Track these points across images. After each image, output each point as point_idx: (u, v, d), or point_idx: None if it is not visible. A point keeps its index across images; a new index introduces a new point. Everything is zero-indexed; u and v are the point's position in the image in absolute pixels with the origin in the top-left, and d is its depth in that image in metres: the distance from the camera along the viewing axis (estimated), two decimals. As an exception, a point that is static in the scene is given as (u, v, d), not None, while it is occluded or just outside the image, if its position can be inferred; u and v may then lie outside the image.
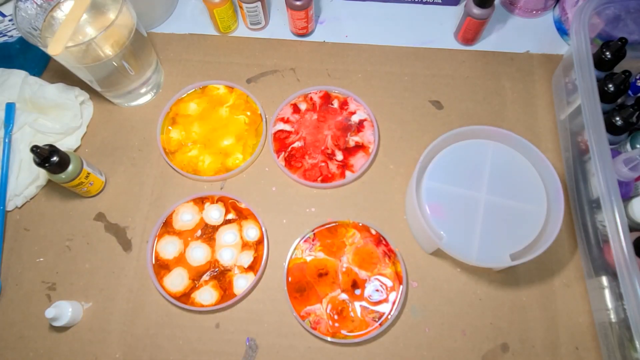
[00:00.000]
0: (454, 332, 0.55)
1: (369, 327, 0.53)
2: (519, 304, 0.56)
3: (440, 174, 0.54)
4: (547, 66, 0.69)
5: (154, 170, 0.64)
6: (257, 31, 0.74)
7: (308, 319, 0.54)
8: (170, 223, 0.60)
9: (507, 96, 0.67)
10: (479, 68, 0.69)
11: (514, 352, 0.54)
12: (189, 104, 0.67)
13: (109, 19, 0.56)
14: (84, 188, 0.59)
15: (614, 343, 0.50)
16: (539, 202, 0.53)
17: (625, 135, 0.58)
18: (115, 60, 0.58)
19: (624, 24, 0.62)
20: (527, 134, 0.64)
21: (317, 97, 0.66)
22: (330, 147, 0.63)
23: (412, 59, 0.70)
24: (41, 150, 0.52)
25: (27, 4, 0.55)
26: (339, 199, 0.61)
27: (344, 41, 0.72)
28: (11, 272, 0.58)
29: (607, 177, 0.48)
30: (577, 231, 0.58)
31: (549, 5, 0.72)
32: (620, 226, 0.46)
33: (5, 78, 0.65)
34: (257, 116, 0.66)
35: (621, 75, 0.55)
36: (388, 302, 0.54)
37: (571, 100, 0.60)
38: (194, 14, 0.75)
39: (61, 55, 0.51)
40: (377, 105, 0.66)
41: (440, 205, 0.53)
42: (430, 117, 0.66)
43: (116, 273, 0.58)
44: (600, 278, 0.53)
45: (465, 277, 0.57)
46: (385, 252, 0.57)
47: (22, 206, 0.62)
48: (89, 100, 0.67)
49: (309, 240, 0.58)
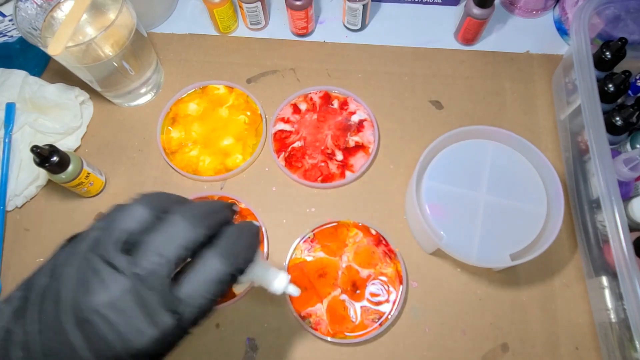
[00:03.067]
0: (454, 332, 0.55)
1: (369, 327, 0.53)
2: (519, 304, 0.56)
3: (440, 174, 0.54)
4: (547, 66, 0.69)
5: (154, 170, 0.64)
6: (257, 31, 0.74)
7: (308, 320, 0.54)
8: (170, 223, 0.59)
9: (507, 96, 0.67)
10: (479, 68, 0.69)
11: (514, 352, 0.54)
12: (189, 104, 0.67)
13: (109, 19, 0.56)
14: (84, 188, 0.59)
15: (614, 343, 0.50)
16: (539, 202, 0.53)
17: (625, 135, 0.58)
18: (115, 60, 0.58)
19: (624, 24, 0.62)
20: (527, 134, 0.64)
21: (317, 97, 0.66)
22: (330, 147, 0.63)
23: (412, 59, 0.70)
24: (41, 150, 0.52)
25: (27, 4, 0.55)
26: (339, 199, 0.61)
27: (344, 41, 0.72)
28: (11, 272, 0.58)
29: (607, 177, 0.48)
30: (577, 231, 0.58)
31: (549, 5, 0.72)
32: (620, 226, 0.46)
33: (5, 78, 0.65)
34: (257, 116, 0.66)
35: (621, 75, 0.55)
36: (388, 302, 0.54)
37: (571, 100, 0.60)
38: (194, 14, 0.75)
39: (61, 55, 0.51)
40: (377, 105, 0.66)
41: (440, 205, 0.53)
42: (430, 117, 0.66)
43: (116, 273, 0.58)
44: (600, 278, 0.53)
45: (465, 277, 0.57)
46: (385, 252, 0.57)
47: (22, 206, 0.62)
48: (89, 100, 0.67)
49: (309, 241, 0.58)
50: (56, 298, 0.26)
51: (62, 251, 0.29)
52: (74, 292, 0.26)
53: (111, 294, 0.25)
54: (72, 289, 0.26)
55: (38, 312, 0.26)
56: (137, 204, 0.28)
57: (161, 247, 0.27)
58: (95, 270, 0.26)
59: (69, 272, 0.26)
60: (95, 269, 0.26)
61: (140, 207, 0.28)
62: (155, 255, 0.27)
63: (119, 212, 0.28)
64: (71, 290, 0.26)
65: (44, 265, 0.29)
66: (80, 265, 0.26)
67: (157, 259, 0.27)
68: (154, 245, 0.27)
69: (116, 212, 0.28)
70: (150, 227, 0.28)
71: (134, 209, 0.28)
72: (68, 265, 0.27)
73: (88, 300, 0.25)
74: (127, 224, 0.27)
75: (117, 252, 0.26)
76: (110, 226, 0.27)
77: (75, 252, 0.27)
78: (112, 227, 0.27)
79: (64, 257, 0.28)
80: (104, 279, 0.25)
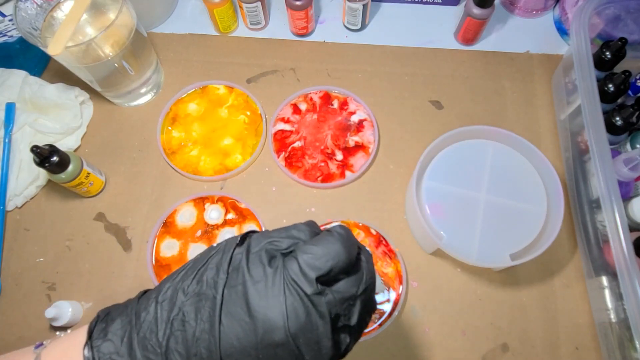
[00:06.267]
0: (454, 332, 0.55)
1: (368, 327, 0.53)
2: (519, 304, 0.56)
3: (440, 174, 0.54)
4: (547, 66, 0.69)
5: (154, 170, 0.64)
6: (257, 31, 0.74)
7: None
8: (171, 223, 0.60)
9: (507, 96, 0.67)
10: (479, 68, 0.69)
11: (514, 352, 0.54)
12: (189, 104, 0.67)
13: (109, 19, 0.56)
14: (84, 188, 0.59)
15: (614, 343, 0.50)
16: (539, 202, 0.53)
17: (625, 135, 0.58)
18: (115, 60, 0.58)
19: (624, 24, 0.62)
20: (527, 134, 0.64)
21: (317, 97, 0.66)
22: (330, 147, 0.63)
23: (412, 59, 0.70)
24: (41, 150, 0.52)
25: (27, 4, 0.55)
26: (339, 199, 0.61)
27: (344, 41, 0.72)
28: (11, 272, 0.58)
29: (607, 177, 0.48)
30: (577, 231, 0.58)
31: (549, 5, 0.72)
32: (620, 226, 0.46)
33: (5, 78, 0.65)
34: (257, 116, 0.66)
35: (621, 75, 0.55)
36: (389, 302, 0.54)
37: (571, 100, 0.60)
38: (194, 14, 0.75)
39: (61, 55, 0.51)
40: (377, 105, 0.66)
41: (440, 205, 0.53)
42: (430, 117, 0.66)
43: (116, 273, 0.58)
44: (600, 278, 0.53)
45: (465, 277, 0.57)
46: (385, 252, 0.57)
47: (22, 206, 0.62)
48: (89, 100, 0.67)
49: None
50: (246, 307, 0.26)
51: (234, 251, 0.29)
52: (267, 308, 0.26)
53: (307, 322, 0.26)
54: (264, 303, 0.26)
55: (220, 314, 0.26)
56: (339, 243, 0.27)
57: (354, 291, 0.28)
58: (294, 293, 0.26)
59: (258, 284, 0.26)
60: (295, 292, 0.26)
61: (342, 250, 0.27)
62: (348, 296, 0.28)
63: (318, 244, 0.27)
64: (263, 303, 0.26)
65: (214, 260, 0.29)
66: (273, 280, 0.26)
67: (349, 300, 0.28)
68: (349, 287, 0.28)
69: (312, 238, 0.28)
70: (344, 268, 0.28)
71: (336, 249, 0.27)
72: (253, 273, 0.27)
73: (284, 321, 0.26)
74: (330, 262, 0.27)
75: (315, 283, 0.26)
76: (307, 252, 0.27)
77: (259, 261, 0.27)
78: (310, 254, 0.27)
79: (243, 261, 0.28)
80: (306, 307, 0.26)
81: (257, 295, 0.26)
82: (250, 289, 0.26)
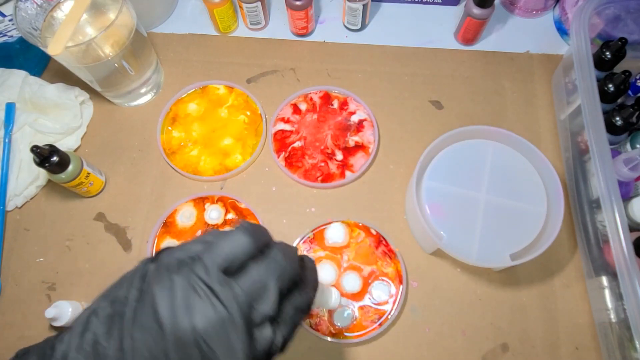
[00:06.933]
0: (454, 332, 0.55)
1: (369, 327, 0.53)
2: (519, 304, 0.56)
3: (440, 174, 0.54)
4: (547, 66, 0.69)
5: (154, 170, 0.64)
6: (257, 31, 0.74)
7: (309, 320, 0.54)
8: (171, 223, 0.60)
9: (507, 96, 0.67)
10: (479, 68, 0.69)
11: (514, 352, 0.54)
12: (189, 104, 0.67)
13: (109, 19, 0.56)
14: (84, 188, 0.59)
15: (614, 343, 0.50)
16: (539, 202, 0.53)
17: (625, 135, 0.58)
18: (115, 60, 0.58)
19: (624, 24, 0.62)
20: (527, 134, 0.64)
21: (317, 97, 0.66)
22: (330, 147, 0.63)
23: (412, 59, 0.70)
24: (41, 150, 0.52)
25: (27, 4, 0.55)
26: (339, 199, 0.61)
27: (344, 41, 0.72)
28: (11, 272, 0.58)
29: (607, 177, 0.48)
30: (577, 231, 0.58)
31: (549, 5, 0.72)
32: (620, 226, 0.46)
33: (5, 78, 0.65)
34: (257, 116, 0.66)
35: (621, 75, 0.55)
36: (388, 302, 0.54)
37: (571, 100, 0.60)
38: (194, 14, 0.75)
39: (61, 55, 0.51)
40: (377, 105, 0.66)
41: (440, 205, 0.53)
42: (430, 117, 0.66)
43: (116, 273, 0.58)
44: (600, 278, 0.53)
45: (465, 277, 0.57)
46: (385, 252, 0.57)
47: (22, 206, 0.62)
48: (89, 100, 0.67)
49: (309, 241, 0.58)
50: (153, 316, 0.26)
51: (146, 266, 0.29)
52: (173, 313, 0.25)
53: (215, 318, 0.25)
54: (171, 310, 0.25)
55: (131, 328, 0.26)
56: (242, 234, 0.28)
57: (264, 278, 0.28)
58: (201, 292, 0.26)
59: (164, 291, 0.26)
60: (202, 291, 0.26)
61: (246, 238, 0.28)
62: (258, 284, 0.27)
63: (223, 238, 0.28)
64: (169, 310, 0.25)
65: (127, 278, 0.29)
66: (179, 285, 0.26)
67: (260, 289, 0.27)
68: (258, 276, 0.28)
69: (219, 237, 0.28)
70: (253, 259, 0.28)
71: (240, 238, 0.28)
72: (160, 282, 0.26)
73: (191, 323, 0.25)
74: (233, 251, 0.27)
75: (220, 276, 0.26)
76: (213, 250, 0.27)
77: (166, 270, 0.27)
78: (216, 251, 0.27)
79: (153, 273, 0.28)
80: (212, 303, 0.25)
81: (164, 301, 0.26)
82: (158, 297, 0.26)
